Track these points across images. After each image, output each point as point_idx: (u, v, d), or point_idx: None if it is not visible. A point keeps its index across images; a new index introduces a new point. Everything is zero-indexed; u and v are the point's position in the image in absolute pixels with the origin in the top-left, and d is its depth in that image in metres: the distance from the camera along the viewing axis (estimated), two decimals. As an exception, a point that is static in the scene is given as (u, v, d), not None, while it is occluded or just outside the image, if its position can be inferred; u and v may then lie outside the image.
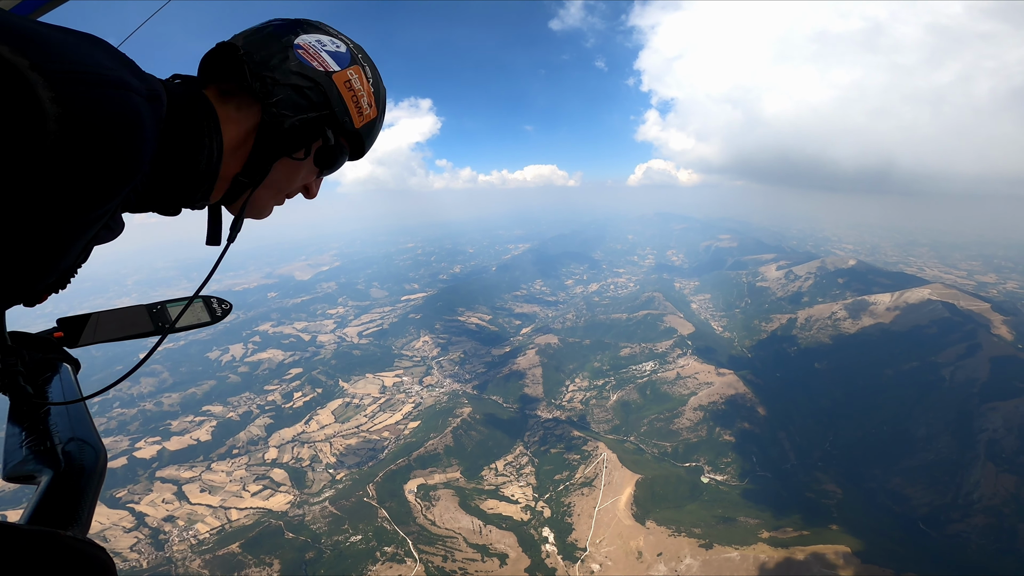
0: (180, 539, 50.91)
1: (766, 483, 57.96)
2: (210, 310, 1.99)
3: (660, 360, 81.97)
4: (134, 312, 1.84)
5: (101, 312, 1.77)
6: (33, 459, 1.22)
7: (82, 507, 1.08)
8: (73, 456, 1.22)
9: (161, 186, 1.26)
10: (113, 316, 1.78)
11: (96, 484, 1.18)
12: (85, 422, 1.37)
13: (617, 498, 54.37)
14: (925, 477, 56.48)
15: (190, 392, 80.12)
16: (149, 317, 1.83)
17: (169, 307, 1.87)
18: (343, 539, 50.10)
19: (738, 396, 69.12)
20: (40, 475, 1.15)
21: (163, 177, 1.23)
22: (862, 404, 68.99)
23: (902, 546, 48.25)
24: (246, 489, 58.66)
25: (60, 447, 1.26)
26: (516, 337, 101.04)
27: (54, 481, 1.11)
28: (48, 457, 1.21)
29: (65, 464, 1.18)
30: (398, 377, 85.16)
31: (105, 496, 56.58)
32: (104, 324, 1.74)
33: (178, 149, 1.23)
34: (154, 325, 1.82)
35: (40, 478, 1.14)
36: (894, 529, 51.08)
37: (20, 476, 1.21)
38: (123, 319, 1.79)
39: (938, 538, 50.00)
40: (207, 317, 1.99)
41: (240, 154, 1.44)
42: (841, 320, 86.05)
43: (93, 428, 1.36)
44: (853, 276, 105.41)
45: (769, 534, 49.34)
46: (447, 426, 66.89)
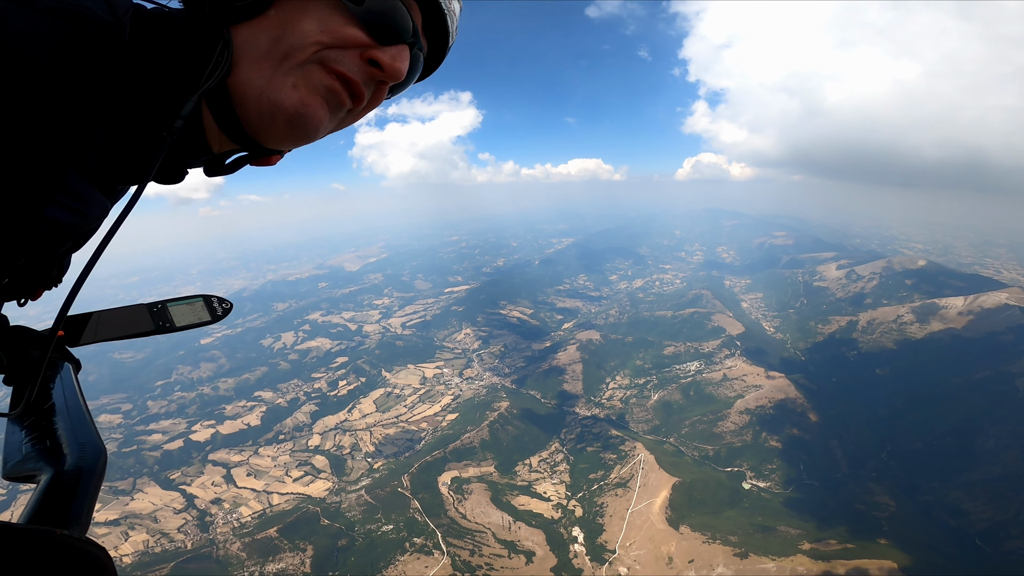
0: (224, 522, 53.59)
1: (813, 492, 55.19)
2: (210, 309, 1.99)
3: (706, 360, 79.33)
4: (135, 311, 1.82)
5: (102, 311, 1.75)
6: (33, 458, 1.21)
7: (82, 506, 1.06)
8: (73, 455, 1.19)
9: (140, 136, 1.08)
10: (114, 315, 1.77)
11: (96, 483, 1.16)
12: (85, 421, 1.34)
13: (652, 501, 53.06)
14: (988, 491, 52.61)
15: (244, 378, 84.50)
16: (150, 316, 1.82)
17: (170, 306, 1.87)
18: (375, 528, 51.29)
19: (788, 401, 65.94)
20: (40, 474, 1.14)
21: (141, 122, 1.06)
22: (925, 413, 64.63)
23: (954, 562, 45.38)
24: (289, 475, 61.19)
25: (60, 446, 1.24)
26: (557, 332, 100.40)
27: (54, 480, 1.11)
28: (48, 456, 1.20)
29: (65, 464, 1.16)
30: (439, 369, 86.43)
31: (160, 478, 60.83)
32: (105, 323, 1.74)
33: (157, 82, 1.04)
34: (155, 324, 1.81)
35: (40, 477, 1.13)
36: (948, 545, 48.08)
37: (20, 475, 1.20)
38: (124, 318, 1.78)
39: (994, 555, 47.13)
40: (207, 316, 1.98)
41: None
42: (908, 324, 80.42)
43: (93, 427, 1.33)
44: (922, 277, 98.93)
45: (810, 545, 47.00)
46: (484, 420, 67.23)
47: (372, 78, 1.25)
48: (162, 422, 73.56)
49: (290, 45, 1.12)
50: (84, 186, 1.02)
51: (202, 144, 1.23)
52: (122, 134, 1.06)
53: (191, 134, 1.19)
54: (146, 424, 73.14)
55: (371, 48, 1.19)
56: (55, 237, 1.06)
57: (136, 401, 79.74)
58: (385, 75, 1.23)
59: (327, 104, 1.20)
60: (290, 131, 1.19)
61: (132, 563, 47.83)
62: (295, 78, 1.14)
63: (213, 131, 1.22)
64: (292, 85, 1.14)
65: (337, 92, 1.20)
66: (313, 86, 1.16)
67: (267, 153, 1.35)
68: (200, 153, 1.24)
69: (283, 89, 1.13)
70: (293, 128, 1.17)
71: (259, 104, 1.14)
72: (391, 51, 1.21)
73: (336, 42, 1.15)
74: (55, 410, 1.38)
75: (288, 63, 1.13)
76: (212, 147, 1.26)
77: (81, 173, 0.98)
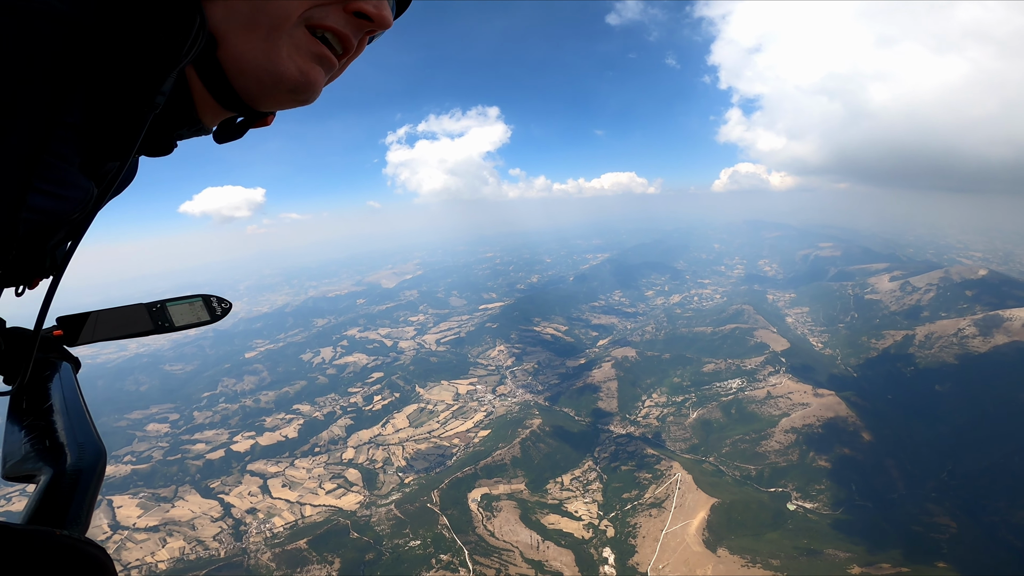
0: (257, 531, 54.84)
1: (864, 513, 52.09)
2: (209, 309, 1.98)
3: (748, 377, 76.37)
4: (133, 311, 1.82)
5: (101, 311, 1.76)
6: (32, 458, 1.21)
7: (81, 506, 1.07)
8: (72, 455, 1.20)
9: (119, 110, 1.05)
10: (113, 315, 1.77)
11: (96, 483, 1.16)
12: (85, 421, 1.35)
13: (688, 522, 50.88)
14: (1059, 512, 48.25)
15: (284, 391, 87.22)
16: (148, 316, 1.82)
17: (169, 306, 1.87)
18: (403, 543, 51.18)
19: (839, 419, 62.66)
20: (40, 474, 1.14)
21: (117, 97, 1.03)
22: (990, 431, 60.09)
23: None
24: (322, 487, 62.23)
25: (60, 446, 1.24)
26: (592, 349, 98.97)
27: (53, 480, 1.11)
28: (47, 456, 1.20)
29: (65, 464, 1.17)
30: (472, 385, 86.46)
31: (201, 486, 62.95)
32: (104, 322, 1.74)
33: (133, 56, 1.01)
34: (153, 324, 1.81)
35: (39, 477, 1.13)
36: (1014, 567, 44.46)
37: (19, 475, 1.20)
38: (123, 318, 1.78)
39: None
40: (207, 316, 1.97)
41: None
42: (969, 337, 75.15)
43: (93, 427, 1.34)
44: (984, 288, 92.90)
45: (861, 570, 44.27)
46: (516, 437, 66.54)
47: (360, 29, 1.24)
48: (206, 432, 76.53)
49: (276, 14, 1.11)
50: (62, 169, 0.98)
51: (191, 115, 1.23)
52: (100, 113, 1.03)
53: (178, 106, 1.19)
54: (191, 434, 76.18)
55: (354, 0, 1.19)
56: (41, 226, 1.04)
57: (183, 411, 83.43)
58: (374, 25, 1.23)
59: (322, 66, 1.22)
60: (292, 97, 1.22)
61: (167, 568, 49.45)
62: (288, 47, 1.15)
63: (205, 101, 1.21)
64: (288, 55, 1.15)
65: (328, 58, 1.22)
66: (306, 52, 1.18)
67: (262, 116, 1.35)
68: (190, 123, 1.24)
69: (280, 60, 1.14)
70: (295, 95, 1.21)
71: (259, 76, 1.15)
72: (373, 0, 1.21)
73: (316, 1, 1.15)
74: (54, 410, 1.39)
75: (278, 32, 1.12)
76: (203, 117, 1.26)
77: (57, 157, 0.96)
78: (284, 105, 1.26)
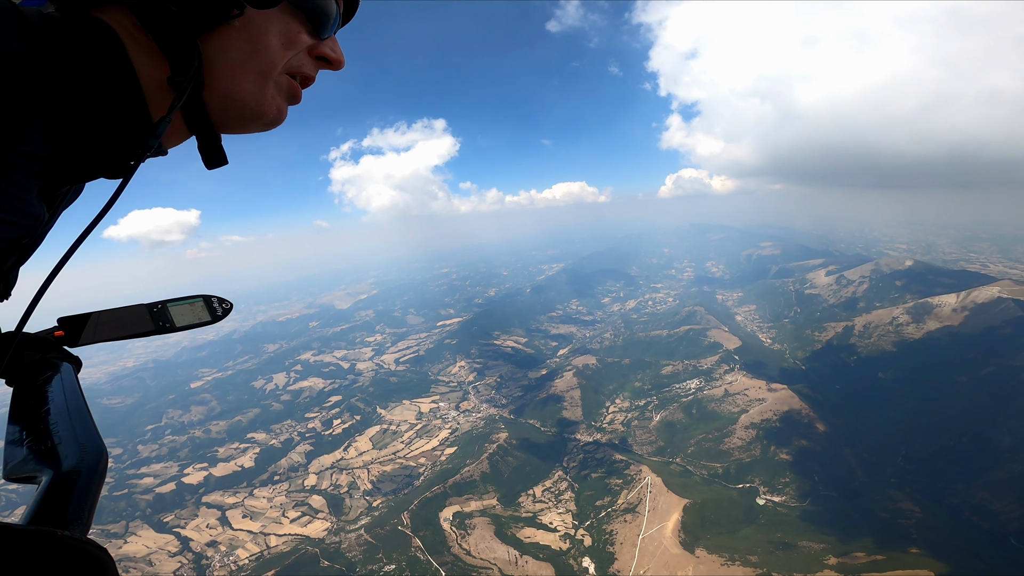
0: (221, 565, 51.63)
1: (831, 504, 53.57)
2: (210, 309, 1.94)
3: (706, 377, 78.20)
4: (134, 311, 1.79)
5: (102, 311, 1.76)
6: (33, 459, 1.20)
7: (82, 507, 1.06)
8: (74, 456, 1.19)
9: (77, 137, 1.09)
10: (114, 315, 1.77)
11: (97, 484, 1.16)
12: (86, 422, 1.34)
13: (663, 524, 51.07)
14: (1014, 489, 51.13)
15: (236, 420, 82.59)
16: (150, 316, 1.80)
17: (170, 306, 1.85)
18: (377, 568, 49.14)
19: (793, 412, 64.81)
20: (40, 475, 1.14)
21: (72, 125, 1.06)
22: (936, 415, 63.70)
23: (995, 566, 43.57)
24: (285, 515, 59.22)
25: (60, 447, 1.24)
26: (553, 359, 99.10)
27: (54, 481, 1.10)
28: (48, 457, 1.19)
29: (65, 464, 1.16)
30: (434, 403, 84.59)
31: (153, 520, 58.92)
32: (105, 323, 1.74)
33: (76, 85, 1.05)
34: (155, 324, 1.80)
35: (40, 478, 1.13)
36: (983, 548, 46.26)
37: (21, 476, 1.18)
38: (124, 318, 1.78)
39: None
40: (207, 316, 1.94)
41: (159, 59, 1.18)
42: (904, 325, 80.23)
43: (94, 428, 1.33)
44: (912, 277, 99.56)
45: (837, 560, 45.14)
46: (483, 452, 65.27)
47: (318, 68, 1.43)
48: (153, 465, 71.88)
49: (265, 62, 1.26)
50: (16, 197, 1.01)
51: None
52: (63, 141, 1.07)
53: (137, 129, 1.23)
54: (137, 468, 71.44)
55: (317, 46, 1.37)
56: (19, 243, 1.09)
57: (126, 446, 77.98)
58: (332, 67, 1.43)
59: (291, 103, 1.41)
60: (263, 129, 1.37)
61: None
62: (272, 89, 1.31)
63: (176, 127, 1.30)
64: (271, 96, 1.31)
65: (298, 95, 1.41)
66: (283, 92, 1.36)
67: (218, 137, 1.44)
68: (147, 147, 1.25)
69: (266, 101, 1.30)
70: (266, 127, 1.37)
71: (242, 113, 1.29)
72: (330, 44, 1.40)
73: (297, 51, 1.32)
74: (55, 410, 1.38)
75: (267, 78, 1.28)
76: (165, 140, 1.31)
77: (13, 184, 0.99)
78: (251, 132, 1.38)
